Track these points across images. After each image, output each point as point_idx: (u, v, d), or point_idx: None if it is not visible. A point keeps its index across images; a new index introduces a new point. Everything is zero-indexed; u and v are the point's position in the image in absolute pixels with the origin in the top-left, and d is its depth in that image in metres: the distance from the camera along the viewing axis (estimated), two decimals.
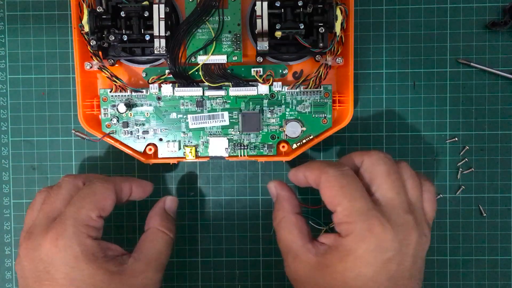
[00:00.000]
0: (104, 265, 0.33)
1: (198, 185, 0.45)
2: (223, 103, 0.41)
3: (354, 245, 0.32)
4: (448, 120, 0.44)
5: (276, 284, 0.45)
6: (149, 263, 0.36)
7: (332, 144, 0.44)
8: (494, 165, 0.44)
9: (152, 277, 0.35)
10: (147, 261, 0.36)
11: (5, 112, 0.44)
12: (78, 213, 0.34)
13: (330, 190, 0.33)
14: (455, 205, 0.44)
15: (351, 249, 0.32)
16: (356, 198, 0.33)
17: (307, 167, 0.36)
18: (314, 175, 0.35)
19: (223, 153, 0.41)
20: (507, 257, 0.44)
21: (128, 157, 0.43)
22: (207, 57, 0.40)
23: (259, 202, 0.45)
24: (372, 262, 0.31)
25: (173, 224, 0.39)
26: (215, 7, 0.39)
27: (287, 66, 0.41)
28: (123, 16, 0.37)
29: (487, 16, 0.43)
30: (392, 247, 0.32)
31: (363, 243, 0.32)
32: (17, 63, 0.44)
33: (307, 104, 0.41)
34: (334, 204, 0.33)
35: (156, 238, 0.37)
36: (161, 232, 0.38)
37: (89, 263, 0.33)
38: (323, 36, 0.37)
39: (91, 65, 0.40)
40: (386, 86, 0.44)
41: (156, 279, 0.36)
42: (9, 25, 0.44)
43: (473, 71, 0.44)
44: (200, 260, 0.45)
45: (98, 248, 0.34)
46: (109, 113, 0.41)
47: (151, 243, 0.37)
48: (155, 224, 0.38)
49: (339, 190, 0.33)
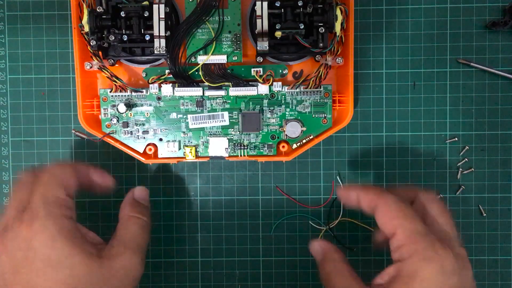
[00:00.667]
0: (82, 246, 0.33)
1: (198, 185, 0.45)
2: (223, 103, 0.41)
3: (419, 264, 0.32)
4: (448, 120, 0.44)
5: (276, 284, 0.45)
6: (126, 246, 0.35)
7: (332, 144, 0.44)
8: (494, 165, 0.44)
9: (131, 259, 0.35)
10: (124, 244, 0.36)
11: (5, 112, 0.44)
12: (46, 195, 0.33)
13: (390, 213, 0.34)
14: (455, 205, 0.44)
15: (416, 270, 0.32)
16: (417, 221, 0.33)
17: (363, 189, 0.36)
18: (370, 198, 0.35)
19: (223, 153, 0.41)
20: (507, 257, 0.44)
21: (128, 157, 0.43)
22: (207, 57, 0.40)
23: (259, 202, 0.45)
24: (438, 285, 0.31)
25: (145, 209, 0.39)
26: (215, 7, 0.39)
27: (287, 66, 0.41)
28: (123, 16, 0.37)
29: (487, 16, 0.43)
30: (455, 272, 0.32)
31: (428, 263, 0.31)
32: (17, 63, 0.44)
33: (307, 104, 0.41)
34: (394, 226, 0.33)
35: (129, 223, 0.38)
36: (133, 217, 0.38)
37: (67, 243, 0.32)
38: (323, 36, 0.37)
39: (91, 65, 0.40)
40: (386, 86, 0.44)
41: (135, 261, 0.35)
42: (9, 25, 0.44)
43: (473, 71, 0.44)
44: (200, 260, 0.45)
45: (75, 228, 0.34)
46: (109, 113, 0.41)
47: (125, 229, 0.37)
48: (126, 212, 0.38)
49: (399, 212, 0.34)
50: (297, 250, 0.45)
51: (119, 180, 0.45)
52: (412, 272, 0.32)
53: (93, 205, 0.45)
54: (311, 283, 0.45)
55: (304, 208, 0.44)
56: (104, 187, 0.39)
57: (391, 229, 0.34)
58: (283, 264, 0.45)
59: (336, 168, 0.44)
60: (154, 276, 0.45)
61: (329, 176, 0.44)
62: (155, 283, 0.45)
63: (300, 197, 0.45)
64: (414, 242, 0.32)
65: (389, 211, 0.34)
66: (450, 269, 0.32)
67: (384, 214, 0.34)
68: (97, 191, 0.39)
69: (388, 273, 0.33)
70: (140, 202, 0.40)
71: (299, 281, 0.45)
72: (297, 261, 0.45)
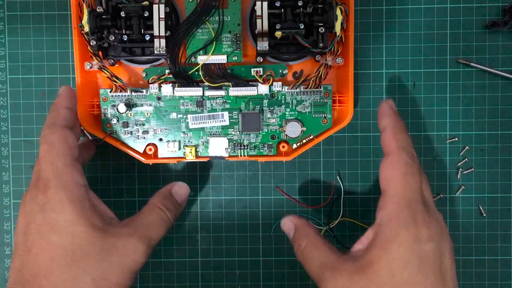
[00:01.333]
0: (88, 216, 0.33)
1: (198, 185, 0.45)
2: (223, 103, 0.41)
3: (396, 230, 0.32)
4: (448, 120, 0.44)
5: (276, 284, 0.45)
6: (136, 229, 0.35)
7: (332, 144, 0.44)
8: (494, 165, 0.44)
9: (136, 244, 0.34)
10: (135, 227, 0.35)
11: (5, 112, 0.44)
12: (54, 166, 0.34)
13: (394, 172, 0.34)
14: (455, 205, 0.44)
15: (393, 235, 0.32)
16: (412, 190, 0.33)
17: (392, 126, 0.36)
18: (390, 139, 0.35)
19: (223, 153, 0.41)
20: (507, 257, 0.44)
21: (128, 157, 0.43)
22: (207, 57, 0.40)
23: (259, 202, 0.45)
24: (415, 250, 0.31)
25: (174, 206, 0.39)
26: (215, 7, 0.39)
27: (287, 66, 0.41)
28: (123, 16, 0.37)
29: (487, 16, 0.43)
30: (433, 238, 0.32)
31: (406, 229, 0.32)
32: (17, 63, 0.44)
33: (307, 104, 0.41)
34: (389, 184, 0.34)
35: (151, 211, 0.37)
36: (158, 207, 0.37)
37: (73, 211, 0.33)
38: (323, 36, 0.37)
39: (91, 65, 0.40)
40: (386, 86, 0.44)
41: (139, 248, 0.34)
42: (9, 25, 0.44)
43: (473, 71, 0.44)
44: (200, 260, 0.45)
45: (84, 197, 0.34)
46: (109, 113, 0.41)
47: (144, 214, 0.37)
48: (154, 200, 0.38)
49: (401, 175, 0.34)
50: None
51: (119, 180, 0.45)
52: (389, 236, 0.32)
53: None
54: (311, 283, 0.45)
55: (304, 208, 0.44)
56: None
57: (384, 187, 0.34)
58: (283, 264, 0.45)
59: (336, 168, 0.44)
60: (154, 276, 0.45)
61: (329, 176, 0.44)
62: (155, 283, 0.45)
63: (300, 197, 0.45)
64: (398, 209, 0.33)
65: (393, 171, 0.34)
66: (427, 236, 0.32)
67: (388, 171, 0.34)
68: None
69: (367, 237, 0.34)
70: (173, 197, 0.39)
71: (299, 281, 0.45)
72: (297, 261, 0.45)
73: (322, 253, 0.35)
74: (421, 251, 0.32)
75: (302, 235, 0.37)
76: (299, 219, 0.38)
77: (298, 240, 0.37)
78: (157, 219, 0.37)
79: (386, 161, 0.35)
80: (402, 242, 0.32)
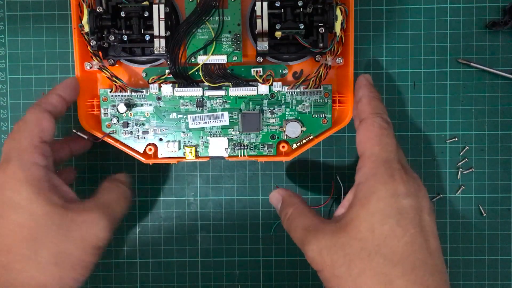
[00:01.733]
0: (47, 194, 0.33)
1: (198, 185, 0.45)
2: (223, 103, 0.41)
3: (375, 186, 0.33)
4: (448, 120, 0.44)
5: (276, 284, 0.45)
6: (97, 205, 0.35)
7: (332, 144, 0.44)
8: (494, 165, 0.44)
9: (97, 218, 0.34)
10: (95, 203, 0.36)
11: (5, 112, 0.44)
12: (19, 144, 0.34)
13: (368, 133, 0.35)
14: (455, 205, 0.44)
15: (372, 191, 0.32)
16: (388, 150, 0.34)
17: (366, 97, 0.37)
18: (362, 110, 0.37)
19: (223, 153, 0.41)
20: (507, 257, 0.44)
21: (128, 157, 0.43)
22: (207, 57, 0.40)
23: (259, 202, 0.45)
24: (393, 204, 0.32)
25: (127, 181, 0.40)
26: (215, 7, 0.39)
27: (287, 66, 0.41)
28: (123, 16, 0.37)
29: (487, 16, 0.43)
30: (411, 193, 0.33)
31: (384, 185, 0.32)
32: (17, 63, 0.44)
33: (307, 104, 0.41)
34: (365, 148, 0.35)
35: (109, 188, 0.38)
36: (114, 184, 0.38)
37: (31, 189, 0.33)
38: (323, 36, 0.37)
39: (91, 65, 0.40)
40: (386, 86, 0.44)
41: (101, 223, 0.34)
42: (9, 25, 0.44)
43: (473, 71, 0.44)
44: (200, 260, 0.45)
45: (44, 177, 0.34)
46: (109, 113, 0.41)
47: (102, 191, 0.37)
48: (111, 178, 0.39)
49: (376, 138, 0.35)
50: (297, 250, 0.45)
51: None
52: (368, 193, 0.33)
53: None
54: (311, 283, 0.45)
55: None
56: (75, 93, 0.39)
57: (362, 147, 0.35)
58: (283, 264, 0.45)
59: (336, 168, 0.44)
60: (154, 276, 0.45)
61: (329, 176, 0.44)
62: (155, 283, 0.45)
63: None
64: (375, 167, 0.33)
65: (369, 132, 0.35)
66: (405, 190, 0.33)
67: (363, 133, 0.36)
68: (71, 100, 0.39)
69: (348, 199, 0.35)
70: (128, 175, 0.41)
71: (299, 281, 0.45)
72: (297, 261, 0.45)
73: (307, 219, 0.35)
74: (400, 205, 0.32)
75: (289, 204, 0.37)
76: (286, 190, 0.39)
77: (285, 209, 0.37)
78: (117, 193, 0.38)
79: (362, 126, 0.36)
80: (380, 197, 0.32)
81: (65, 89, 0.38)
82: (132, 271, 0.45)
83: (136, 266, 0.45)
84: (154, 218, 0.45)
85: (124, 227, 0.45)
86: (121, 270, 0.45)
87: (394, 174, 0.33)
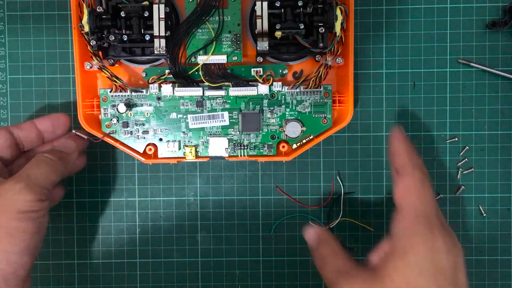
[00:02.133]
0: None
1: (198, 185, 0.45)
2: (223, 103, 0.41)
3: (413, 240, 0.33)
4: (448, 120, 0.44)
5: (276, 284, 0.45)
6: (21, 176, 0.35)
7: (332, 144, 0.44)
8: (494, 165, 0.44)
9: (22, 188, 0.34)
10: (20, 175, 0.35)
11: (5, 112, 0.44)
12: None
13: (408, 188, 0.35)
14: (455, 205, 0.44)
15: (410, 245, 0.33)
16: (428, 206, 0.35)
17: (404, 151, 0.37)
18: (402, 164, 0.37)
19: (223, 153, 0.41)
20: (507, 257, 0.44)
21: (128, 157, 0.43)
22: (207, 57, 0.40)
23: (259, 202, 0.45)
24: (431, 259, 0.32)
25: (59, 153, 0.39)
26: (215, 7, 0.39)
27: (287, 66, 0.41)
28: (123, 16, 0.37)
29: (487, 16, 0.43)
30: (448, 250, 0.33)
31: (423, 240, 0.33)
32: (17, 63, 0.44)
33: (307, 104, 0.41)
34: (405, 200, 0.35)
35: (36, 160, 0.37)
36: (42, 155, 0.37)
37: None
38: (323, 36, 0.37)
39: (91, 65, 0.40)
40: (386, 86, 0.44)
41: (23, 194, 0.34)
42: (9, 25, 0.44)
43: (473, 71, 0.44)
44: (200, 260, 0.45)
45: None
46: (109, 113, 0.41)
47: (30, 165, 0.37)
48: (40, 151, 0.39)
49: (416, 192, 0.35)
50: (297, 250, 0.45)
51: (119, 180, 0.45)
52: (407, 247, 0.33)
53: None
54: (311, 283, 0.45)
55: (304, 208, 0.44)
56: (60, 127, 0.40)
57: (401, 200, 0.35)
58: (283, 264, 0.45)
59: (336, 168, 0.44)
60: (154, 276, 0.45)
61: (329, 176, 0.44)
62: (155, 283, 0.45)
63: (300, 197, 0.45)
64: (415, 222, 0.34)
65: (409, 186, 0.35)
66: (443, 247, 0.33)
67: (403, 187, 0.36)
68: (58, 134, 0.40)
69: (383, 249, 0.35)
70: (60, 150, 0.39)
71: (299, 281, 0.45)
72: (297, 261, 0.45)
73: (340, 261, 0.36)
74: (437, 261, 0.32)
75: (325, 243, 0.38)
76: (321, 229, 0.40)
77: (320, 248, 0.38)
78: (44, 165, 0.37)
79: (402, 179, 0.36)
80: (419, 251, 0.33)
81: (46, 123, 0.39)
82: (132, 271, 0.45)
83: (136, 266, 0.45)
84: (154, 218, 0.45)
85: (124, 227, 0.45)
86: (121, 270, 0.45)
87: (434, 229, 0.33)
